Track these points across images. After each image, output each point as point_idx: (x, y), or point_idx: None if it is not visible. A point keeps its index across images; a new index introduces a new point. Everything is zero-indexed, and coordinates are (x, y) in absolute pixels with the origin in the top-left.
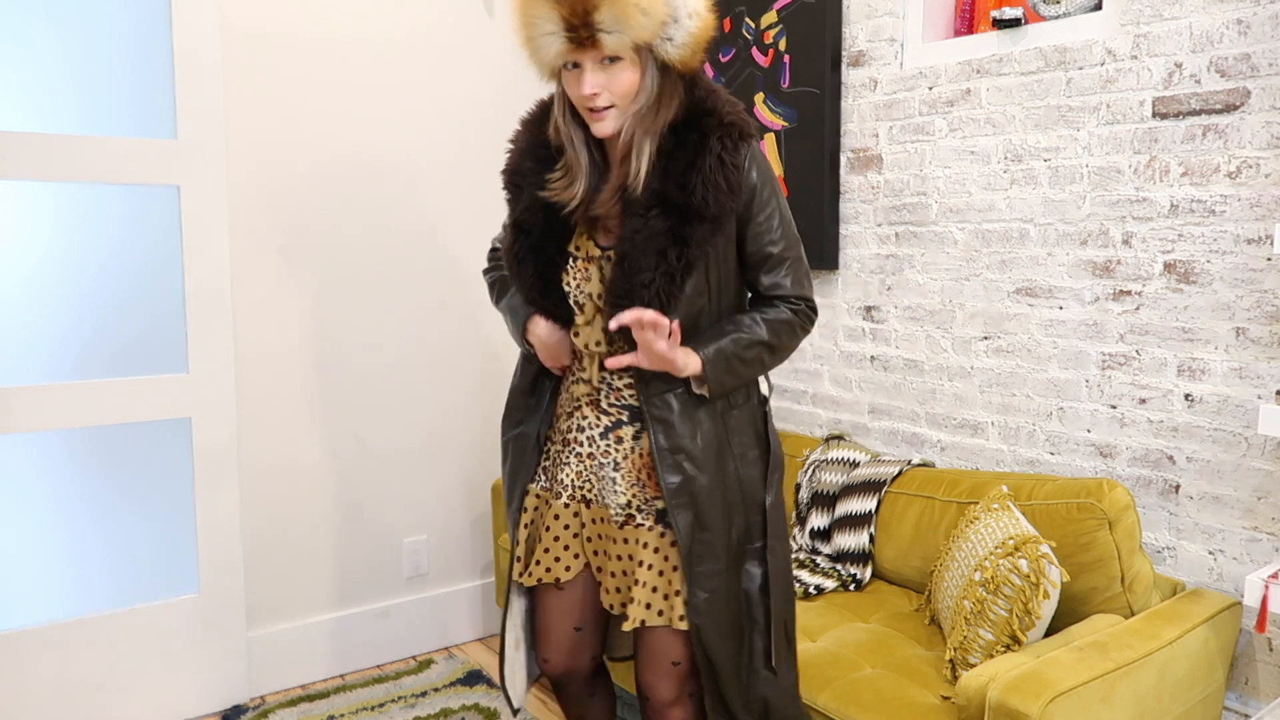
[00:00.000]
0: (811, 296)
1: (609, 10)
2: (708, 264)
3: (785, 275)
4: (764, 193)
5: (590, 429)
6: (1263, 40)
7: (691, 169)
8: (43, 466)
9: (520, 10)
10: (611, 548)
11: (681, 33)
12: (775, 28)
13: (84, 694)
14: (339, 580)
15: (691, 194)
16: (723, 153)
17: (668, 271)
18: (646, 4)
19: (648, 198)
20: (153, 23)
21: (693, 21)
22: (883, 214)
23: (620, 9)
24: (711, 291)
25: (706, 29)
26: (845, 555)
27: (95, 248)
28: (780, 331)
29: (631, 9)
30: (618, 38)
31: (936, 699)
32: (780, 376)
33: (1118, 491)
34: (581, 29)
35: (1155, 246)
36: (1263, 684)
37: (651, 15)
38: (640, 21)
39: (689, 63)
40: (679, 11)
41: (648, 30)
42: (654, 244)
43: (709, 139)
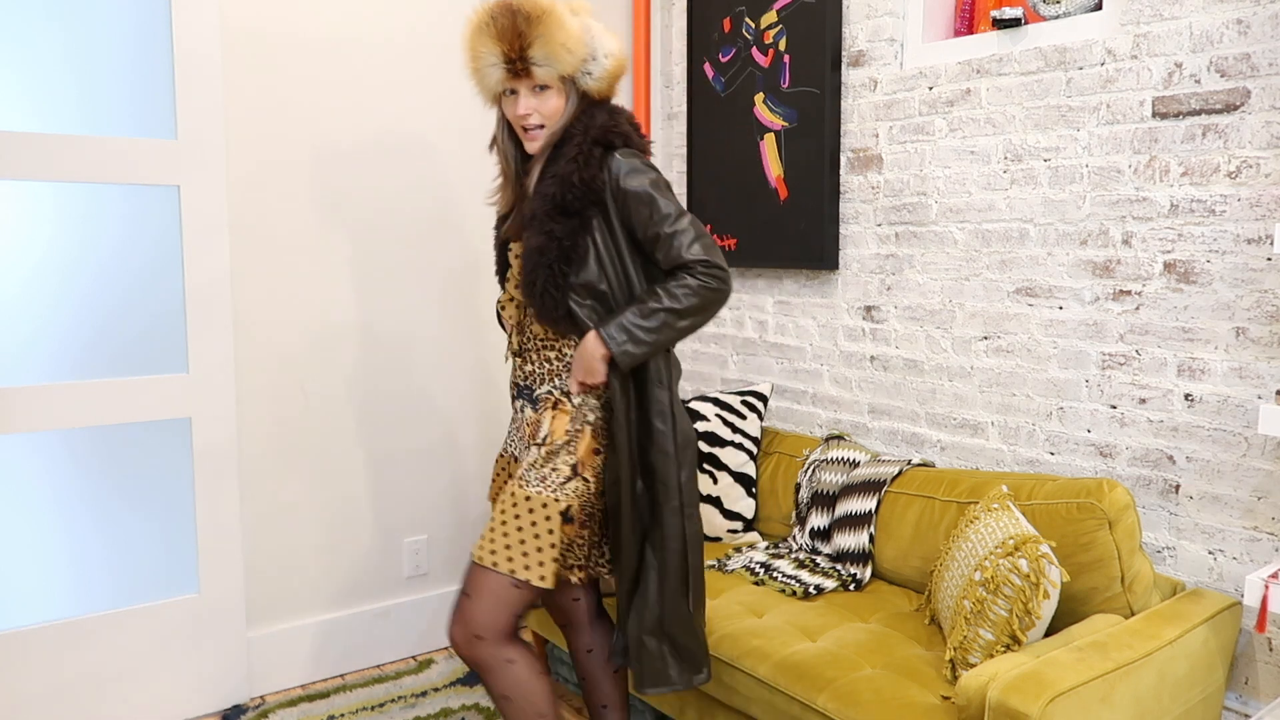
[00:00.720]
0: (709, 258)
1: (540, 48)
2: (599, 255)
3: (676, 244)
4: (640, 190)
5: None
6: (1263, 40)
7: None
8: (43, 466)
9: (468, 44)
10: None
11: (598, 68)
12: (775, 28)
13: (84, 694)
14: (339, 580)
15: (554, 193)
16: (578, 158)
17: (548, 264)
18: (571, 44)
19: (534, 205)
20: (153, 23)
21: (608, 60)
22: (883, 214)
23: (549, 47)
24: (611, 280)
25: (619, 67)
26: (845, 555)
27: (95, 248)
28: (678, 294)
29: (558, 47)
30: (547, 70)
31: (936, 699)
32: (780, 376)
33: (1118, 491)
34: (518, 61)
35: (1155, 246)
36: (1263, 684)
37: (575, 53)
38: (565, 58)
39: (604, 92)
40: (597, 52)
41: (571, 65)
42: (538, 242)
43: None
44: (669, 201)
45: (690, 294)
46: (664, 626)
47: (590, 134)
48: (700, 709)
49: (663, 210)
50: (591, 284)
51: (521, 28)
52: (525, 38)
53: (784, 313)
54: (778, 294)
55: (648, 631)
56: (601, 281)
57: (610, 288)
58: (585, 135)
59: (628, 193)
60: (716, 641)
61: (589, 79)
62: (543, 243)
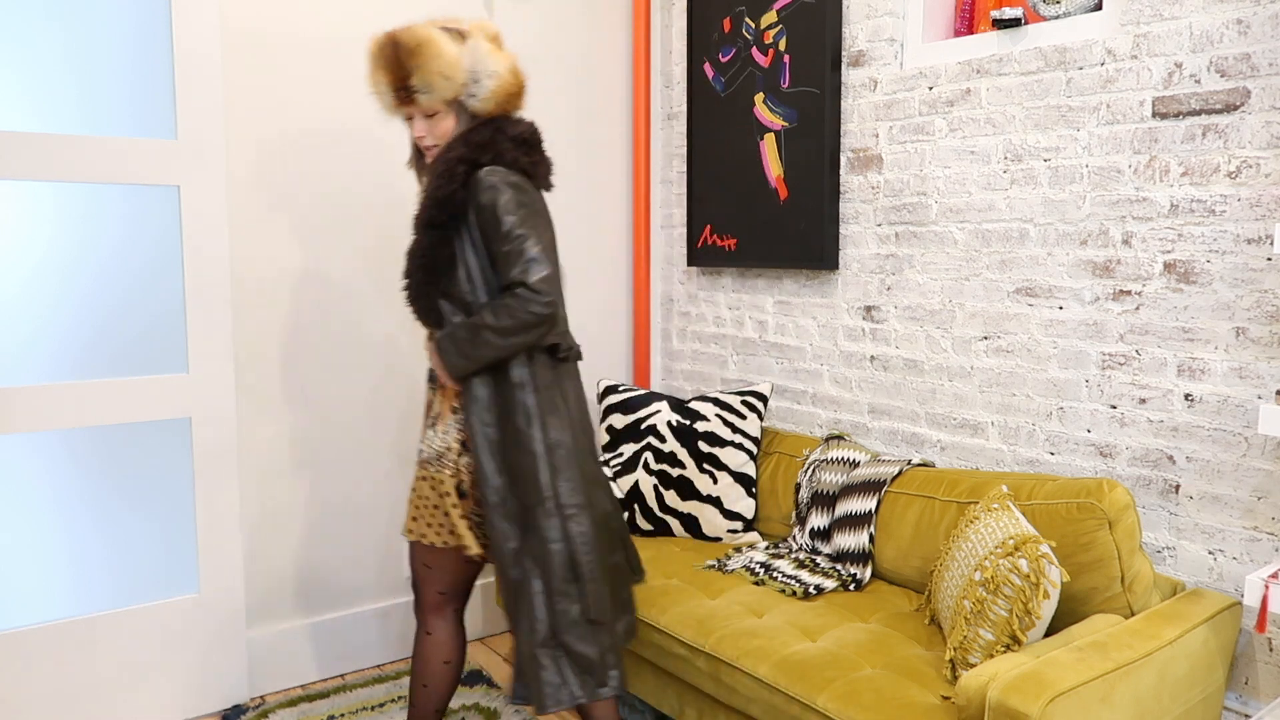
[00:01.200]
0: (527, 280)
1: (419, 77)
2: (467, 267)
3: (509, 264)
4: (489, 206)
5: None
6: (1263, 40)
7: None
8: (43, 466)
9: (367, 75)
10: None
11: (482, 89)
12: (775, 28)
13: (84, 694)
14: (339, 580)
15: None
16: (442, 174)
17: (418, 269)
18: (449, 71)
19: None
20: (153, 23)
21: (492, 81)
22: (883, 214)
23: (428, 76)
24: (479, 291)
25: (505, 85)
26: (845, 555)
27: (95, 248)
28: (499, 312)
29: (436, 76)
30: (429, 97)
31: (936, 699)
32: (780, 376)
33: (1118, 491)
34: (402, 91)
35: (1155, 246)
36: (1263, 684)
37: (453, 79)
38: (444, 85)
39: (494, 111)
40: (479, 74)
41: (451, 90)
42: (413, 248)
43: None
44: (516, 221)
45: (509, 315)
46: (556, 637)
47: (455, 152)
48: (700, 709)
49: (504, 229)
50: (460, 294)
51: (402, 59)
52: (405, 68)
53: (784, 313)
54: (778, 294)
55: (539, 645)
56: (469, 293)
57: (478, 298)
58: (450, 153)
59: (481, 209)
60: (716, 642)
61: (474, 100)
62: (414, 250)
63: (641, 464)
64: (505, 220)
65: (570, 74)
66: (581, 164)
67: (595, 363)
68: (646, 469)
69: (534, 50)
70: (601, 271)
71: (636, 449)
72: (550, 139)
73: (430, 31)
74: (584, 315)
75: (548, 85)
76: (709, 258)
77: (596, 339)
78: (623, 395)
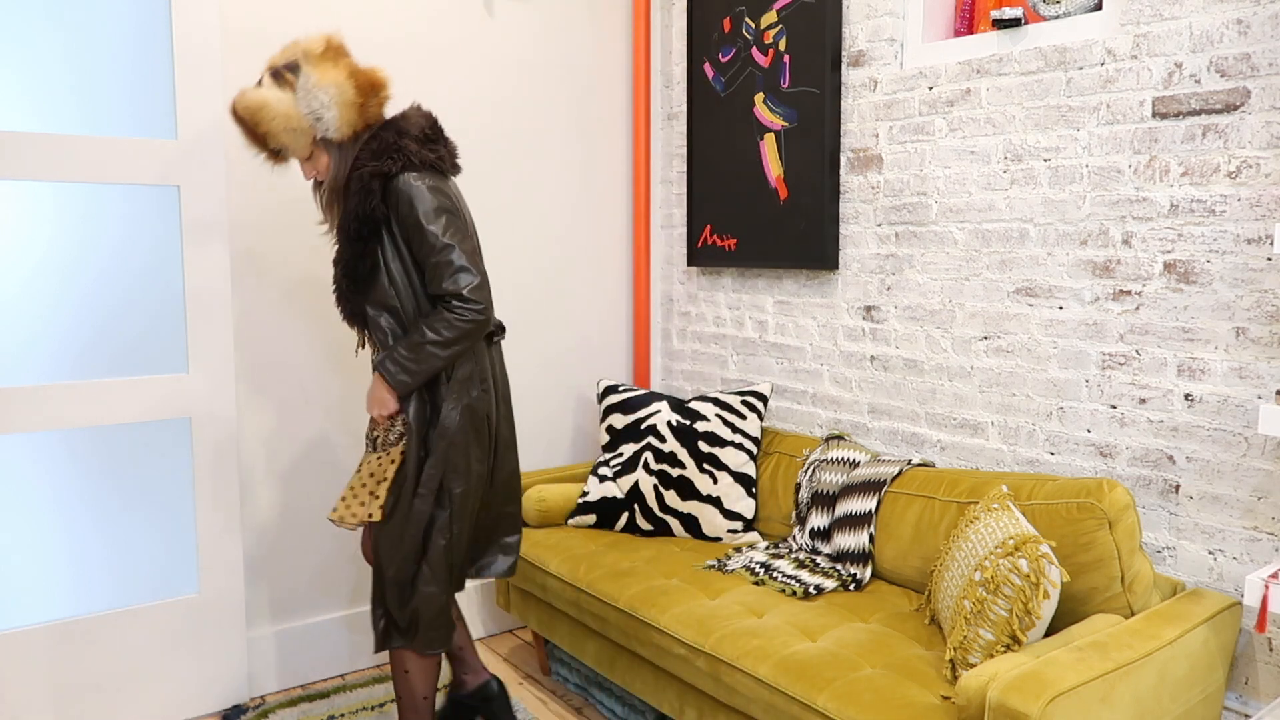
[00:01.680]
0: (458, 290)
1: (273, 140)
2: (390, 273)
3: (439, 274)
4: (412, 221)
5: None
6: (1263, 40)
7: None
8: (43, 466)
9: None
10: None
11: (329, 118)
12: (775, 28)
13: (84, 694)
14: (339, 580)
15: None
16: (359, 191)
17: (343, 278)
18: (291, 123)
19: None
20: (153, 23)
21: (333, 109)
22: (883, 214)
23: (278, 136)
24: (400, 294)
25: (347, 101)
26: (845, 555)
27: (95, 248)
28: (439, 329)
29: (282, 133)
30: (288, 150)
31: (936, 699)
32: (780, 376)
33: (1118, 491)
34: (270, 152)
35: (1155, 246)
36: (1263, 684)
37: (298, 128)
38: (293, 137)
39: (356, 129)
40: (318, 109)
41: (304, 136)
42: (339, 262)
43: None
44: (438, 230)
45: (448, 327)
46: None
47: (366, 167)
48: (700, 709)
49: (429, 240)
50: (383, 300)
51: (251, 127)
52: (257, 135)
53: (784, 313)
54: (778, 294)
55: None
56: (392, 297)
57: (400, 302)
58: (362, 168)
59: (403, 219)
60: (716, 642)
61: (330, 131)
62: (339, 259)
63: (641, 464)
64: (429, 231)
65: (570, 74)
66: (581, 164)
67: (595, 363)
68: (646, 469)
69: (534, 50)
70: (601, 271)
71: (636, 449)
72: (550, 139)
73: (259, 95)
74: (584, 315)
75: (548, 85)
76: (709, 258)
77: (596, 339)
78: (623, 395)
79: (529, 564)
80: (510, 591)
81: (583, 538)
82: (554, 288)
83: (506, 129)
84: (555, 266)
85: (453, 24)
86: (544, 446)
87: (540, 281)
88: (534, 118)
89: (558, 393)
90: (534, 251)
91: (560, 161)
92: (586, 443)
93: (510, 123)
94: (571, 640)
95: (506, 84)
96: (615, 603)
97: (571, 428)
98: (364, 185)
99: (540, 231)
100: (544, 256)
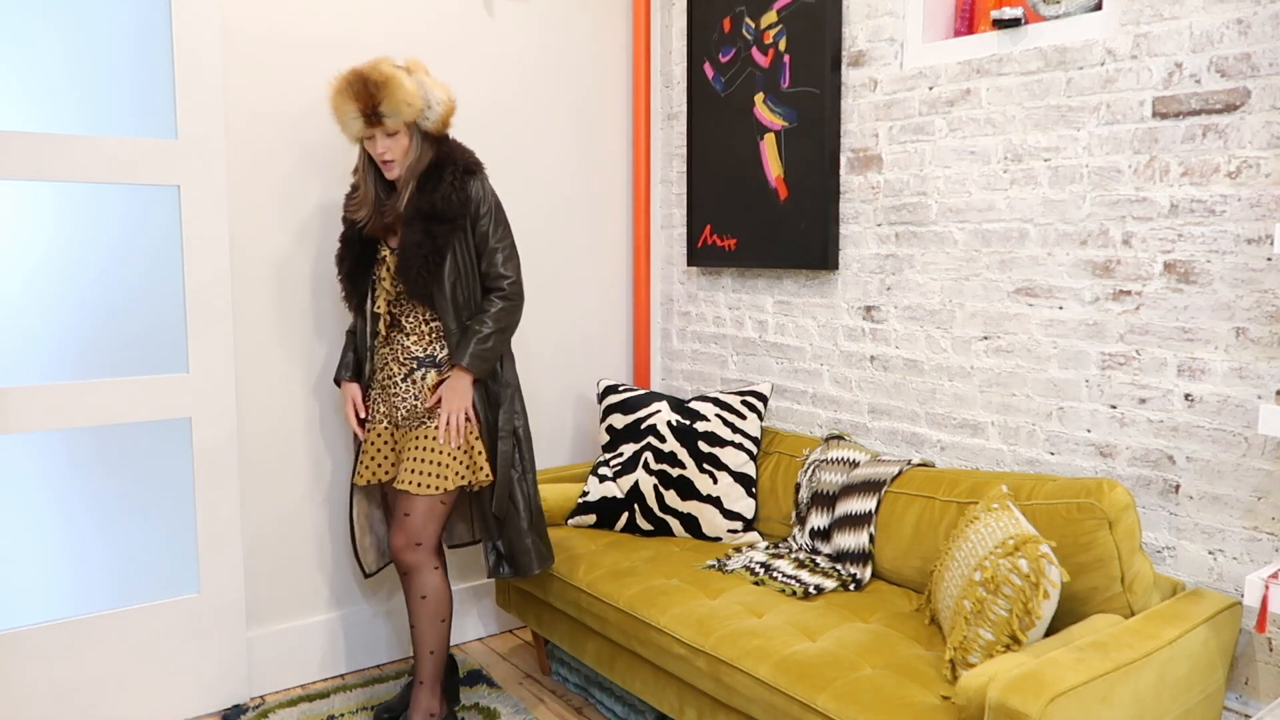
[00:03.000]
0: (514, 275)
1: (388, 104)
2: (455, 255)
3: (495, 259)
4: (485, 208)
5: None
6: (1263, 40)
7: (435, 192)
8: (43, 466)
9: (333, 103)
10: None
11: (433, 114)
12: (775, 28)
13: (84, 694)
14: (339, 580)
15: (435, 206)
16: (453, 180)
17: (424, 257)
18: (410, 99)
19: (410, 213)
20: (153, 23)
21: (440, 107)
22: (883, 214)
23: (394, 103)
24: (461, 275)
25: (449, 109)
26: (845, 555)
27: (95, 248)
28: (499, 316)
29: (401, 103)
30: (394, 119)
31: (936, 699)
32: (780, 376)
33: (1118, 491)
34: (372, 115)
35: (1155, 246)
36: (1263, 684)
37: (413, 105)
38: (406, 110)
39: (439, 130)
40: (431, 101)
41: (412, 114)
42: (416, 241)
43: (445, 173)
44: (504, 228)
45: (504, 314)
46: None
47: (459, 164)
48: (700, 709)
49: (497, 231)
50: (449, 275)
51: (371, 91)
52: (375, 98)
53: (784, 313)
54: (778, 294)
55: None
56: (454, 275)
57: (459, 280)
58: (455, 164)
59: (480, 216)
60: (716, 642)
61: (427, 122)
62: (421, 239)
63: (641, 464)
64: (497, 227)
65: (570, 74)
66: (581, 164)
67: (595, 363)
68: (646, 469)
69: (534, 50)
70: (601, 271)
71: (636, 449)
72: (550, 139)
73: (394, 69)
74: (584, 315)
75: (548, 85)
76: (709, 258)
77: (596, 339)
78: (623, 395)
79: None
80: (510, 591)
81: (583, 537)
82: (554, 287)
83: (506, 129)
84: (555, 266)
85: (453, 24)
86: (544, 446)
87: (540, 281)
88: (534, 118)
89: (558, 393)
90: (534, 251)
91: (560, 161)
92: (586, 443)
93: (510, 123)
94: (571, 640)
95: (506, 84)
96: (615, 602)
97: (571, 428)
98: (457, 178)
99: (540, 231)
100: (544, 256)
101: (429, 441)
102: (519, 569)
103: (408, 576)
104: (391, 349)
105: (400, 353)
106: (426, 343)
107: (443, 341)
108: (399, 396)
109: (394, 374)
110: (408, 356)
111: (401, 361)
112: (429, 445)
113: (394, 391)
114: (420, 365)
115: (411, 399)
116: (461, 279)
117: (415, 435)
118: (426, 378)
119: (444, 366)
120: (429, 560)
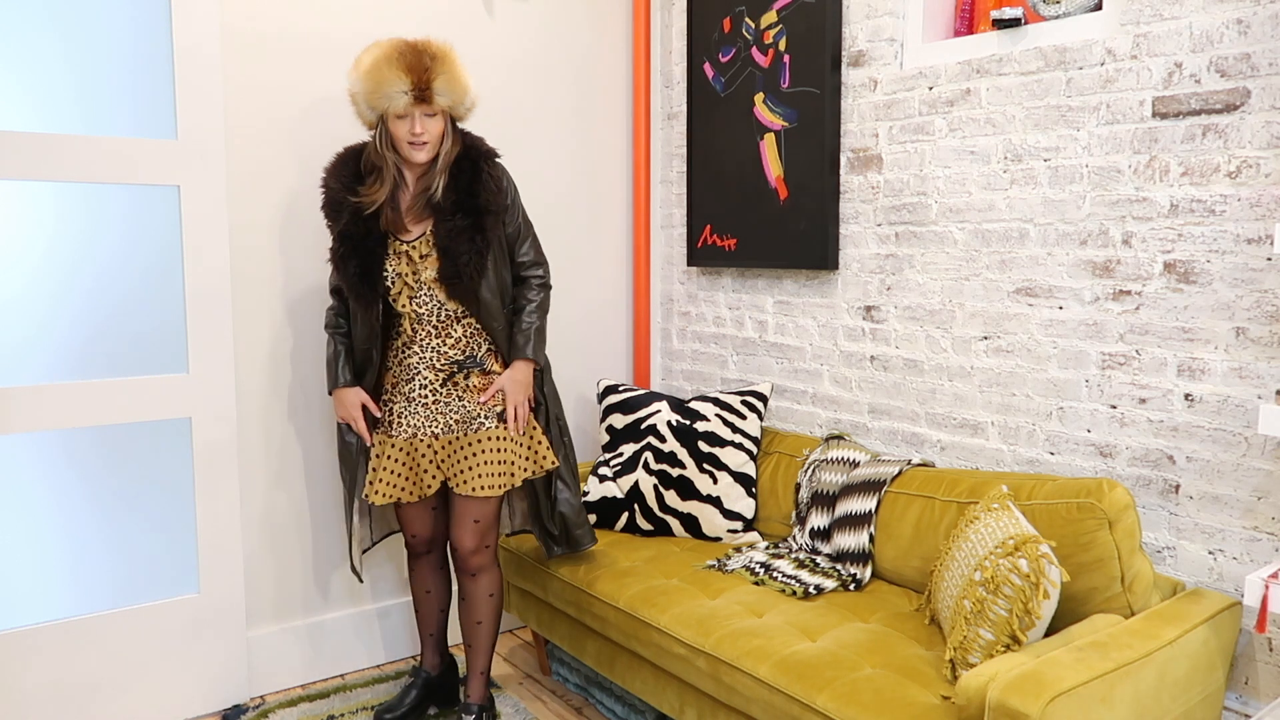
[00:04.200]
0: (546, 262)
1: (442, 80)
2: (494, 252)
3: (528, 247)
4: (511, 195)
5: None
6: (1263, 40)
7: (475, 182)
8: (43, 466)
9: (374, 71)
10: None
11: (469, 104)
12: (775, 28)
13: (84, 694)
14: (339, 580)
15: (478, 198)
16: (489, 170)
17: (475, 250)
18: (464, 81)
19: (450, 205)
20: (153, 23)
21: (475, 97)
22: (883, 214)
23: (448, 83)
24: (497, 263)
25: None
26: (845, 555)
27: (95, 248)
28: (543, 305)
29: (455, 82)
30: (445, 98)
31: (936, 699)
32: (780, 376)
33: (1118, 491)
34: (425, 90)
35: (1155, 246)
36: (1263, 684)
37: (464, 88)
38: (458, 91)
39: (464, 121)
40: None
41: (460, 97)
42: (464, 234)
43: (479, 163)
44: (524, 211)
45: (546, 301)
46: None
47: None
48: (700, 709)
49: (521, 219)
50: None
51: (428, 64)
52: (430, 72)
53: (784, 313)
54: (778, 294)
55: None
56: (494, 267)
57: (494, 268)
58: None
59: (509, 204)
60: (716, 642)
61: (462, 109)
62: (469, 232)
63: (641, 464)
64: (523, 211)
65: (570, 74)
66: (582, 164)
67: (595, 362)
68: (646, 469)
69: (534, 50)
70: (601, 271)
71: (636, 449)
72: (550, 139)
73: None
74: (584, 315)
75: (548, 85)
76: (709, 258)
77: (596, 339)
78: (623, 395)
79: (529, 564)
80: (510, 591)
81: None
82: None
83: (506, 129)
84: (555, 266)
85: (453, 24)
86: None
87: None
88: (534, 118)
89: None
90: None
91: (560, 161)
92: (586, 443)
93: (510, 123)
94: (571, 640)
95: (506, 84)
96: (615, 602)
97: (571, 427)
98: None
99: (540, 231)
100: None
101: (493, 443)
102: (574, 544)
103: (475, 577)
104: (421, 353)
105: (434, 357)
106: (465, 343)
107: (478, 339)
108: (442, 403)
109: (429, 381)
110: (445, 361)
111: (437, 367)
112: (494, 446)
113: (431, 400)
114: (461, 368)
115: (462, 404)
116: (497, 270)
117: (472, 439)
118: (470, 379)
119: (486, 364)
120: (494, 559)
